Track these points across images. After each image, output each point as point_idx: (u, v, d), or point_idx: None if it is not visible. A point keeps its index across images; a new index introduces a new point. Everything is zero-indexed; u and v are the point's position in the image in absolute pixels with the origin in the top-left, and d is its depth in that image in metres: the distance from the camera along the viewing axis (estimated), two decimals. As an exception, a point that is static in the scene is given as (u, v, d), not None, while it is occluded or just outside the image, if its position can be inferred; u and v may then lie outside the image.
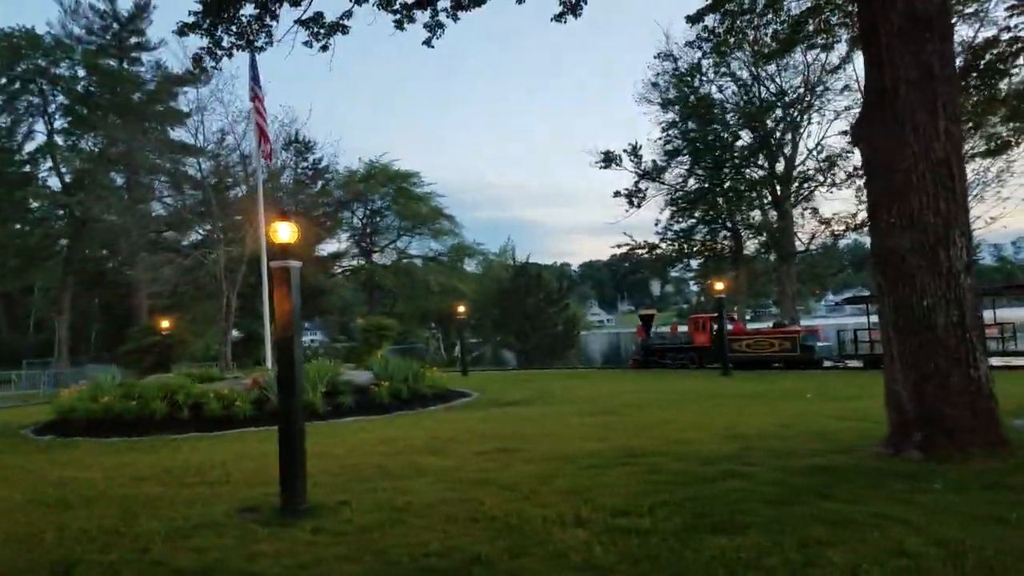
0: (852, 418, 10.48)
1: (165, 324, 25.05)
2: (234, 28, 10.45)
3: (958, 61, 7.42)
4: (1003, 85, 13.17)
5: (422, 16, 11.49)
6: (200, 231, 39.35)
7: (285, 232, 6.31)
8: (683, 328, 31.26)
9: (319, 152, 45.92)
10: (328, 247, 50.71)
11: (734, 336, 26.17)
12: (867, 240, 36.01)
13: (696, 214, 35.69)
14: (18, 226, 44.42)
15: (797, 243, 34.33)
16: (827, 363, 24.90)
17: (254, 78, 18.84)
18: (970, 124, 15.11)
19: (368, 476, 7.66)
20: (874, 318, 25.23)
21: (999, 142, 14.30)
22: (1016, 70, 12.73)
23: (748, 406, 12.90)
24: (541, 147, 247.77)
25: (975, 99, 11.82)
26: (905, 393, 6.74)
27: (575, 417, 12.02)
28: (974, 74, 11.72)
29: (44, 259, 44.94)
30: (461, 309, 32.00)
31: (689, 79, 34.78)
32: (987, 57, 12.25)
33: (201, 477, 8.12)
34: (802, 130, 34.00)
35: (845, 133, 31.42)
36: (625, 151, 35.48)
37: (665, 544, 4.75)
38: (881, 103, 7.06)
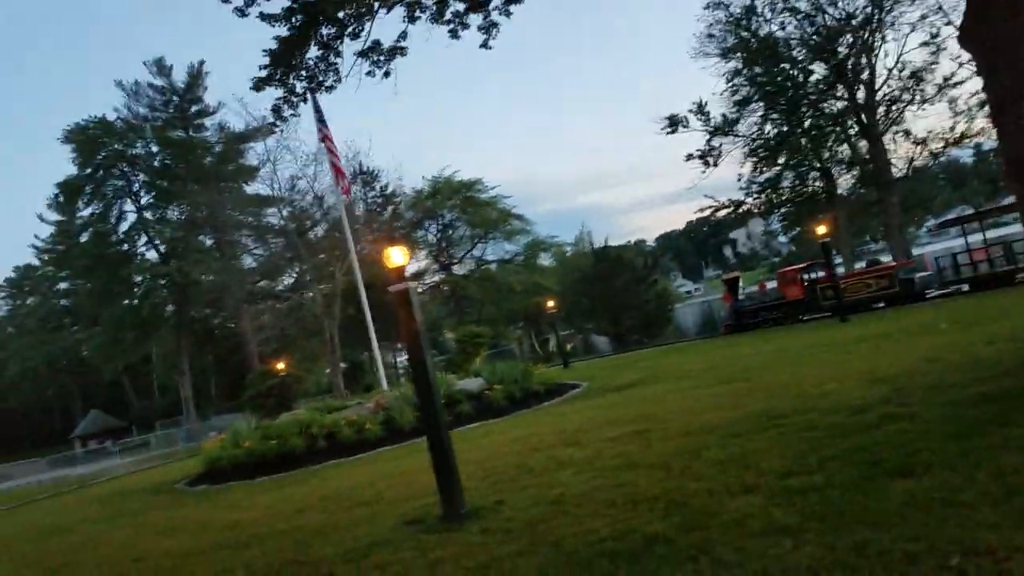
0: (1001, 340, 9.82)
1: (280, 366, 26.20)
2: (304, 73, 10.79)
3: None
4: None
5: (475, 19, 11.55)
6: (292, 274, 41.11)
7: (398, 256, 6.47)
8: (771, 284, 30.28)
9: (384, 178, 47.08)
10: (409, 268, 51.89)
11: (824, 283, 25.09)
12: (963, 154, 33.70)
13: (780, 160, 34.29)
14: (126, 301, 47.60)
15: (894, 171, 32.49)
16: (931, 293, 23.70)
17: (320, 119, 19.42)
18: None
19: (512, 476, 7.74)
20: (972, 237, 25.12)
21: None
22: None
23: (879, 348, 12.31)
24: (590, 132, 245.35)
25: None
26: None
27: (699, 389, 11.78)
28: None
29: (156, 327, 48.06)
30: (551, 304, 32.01)
31: (745, 22, 33.47)
32: None
33: (355, 500, 8.43)
34: (877, 51, 32.13)
35: (925, 44, 29.56)
36: (691, 111, 34.55)
37: (846, 497, 4.57)
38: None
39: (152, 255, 48.25)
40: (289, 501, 9.59)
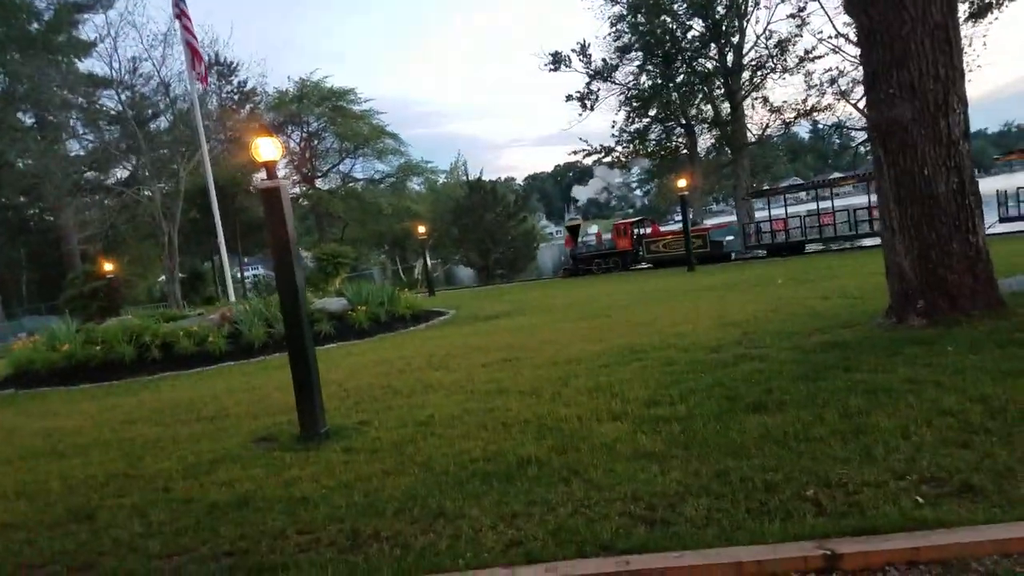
0: (834, 296, 10.75)
1: (108, 267, 23.77)
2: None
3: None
4: None
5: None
6: (127, 167, 37.16)
7: (269, 149, 5.83)
8: (607, 235, 32.84)
9: (244, 73, 43.34)
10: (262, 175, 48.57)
11: (651, 238, 28.74)
12: (801, 129, 36.22)
13: (651, 113, 35.28)
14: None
15: (749, 135, 34.46)
16: (734, 256, 27.27)
17: (178, -8, 17.27)
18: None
19: (378, 396, 7.51)
20: (777, 211, 28.40)
21: (982, 4, 14.05)
22: None
23: (725, 297, 13.13)
24: (468, 60, 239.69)
25: None
26: (907, 263, 6.84)
27: (564, 323, 12.03)
28: None
29: (-39, 212, 42.04)
30: (422, 229, 31.43)
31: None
32: None
33: (196, 414, 7.84)
34: (749, 16, 33.49)
35: (793, 16, 31.14)
36: (574, 51, 34.50)
37: (708, 427, 4.77)
38: (876, -32, 6.81)
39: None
40: (116, 411, 8.76)
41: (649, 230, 29.81)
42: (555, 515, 3.69)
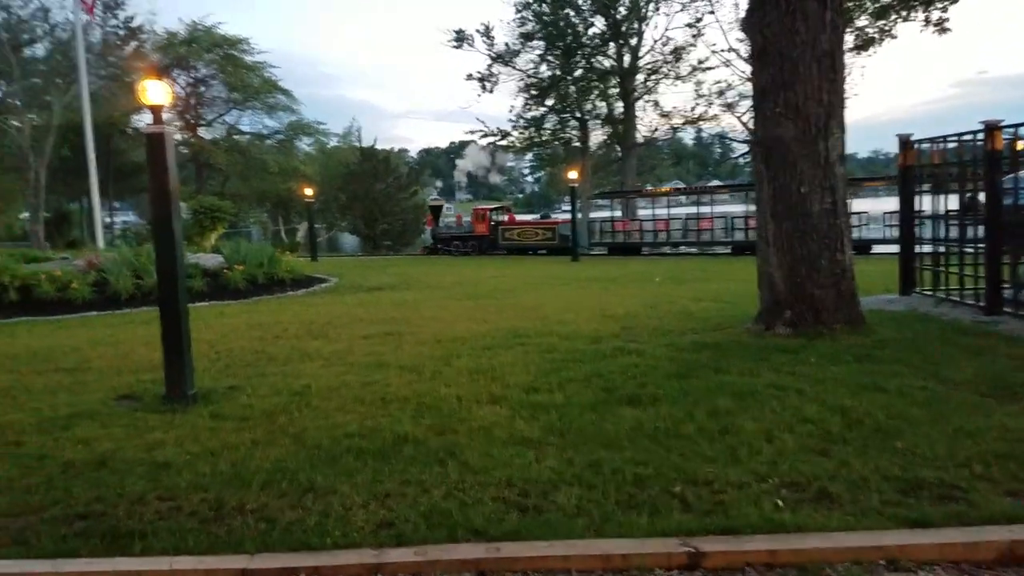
0: (707, 299, 11.34)
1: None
2: None
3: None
4: None
5: None
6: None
7: (157, 93, 5.41)
8: (467, 218, 34.16)
9: (132, 9, 39.92)
10: (145, 118, 45.22)
11: (506, 225, 30.35)
12: (686, 135, 38.09)
13: (548, 103, 35.71)
14: None
15: (638, 136, 35.63)
16: (584, 250, 28.55)
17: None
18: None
19: (251, 361, 7.23)
20: (617, 212, 30.66)
21: (865, 39, 15.36)
22: None
23: (607, 289, 13.58)
24: (370, 24, 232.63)
25: None
26: (778, 274, 7.32)
27: (450, 301, 12.02)
28: None
29: None
30: (309, 192, 30.34)
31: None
32: None
33: (54, 364, 7.26)
34: (648, 21, 34.53)
35: (690, 26, 32.40)
36: (478, 31, 34.31)
37: (584, 417, 4.91)
38: (776, -8, 7.19)
39: None
40: (-40, 356, 7.94)
41: (506, 218, 31.32)
42: (429, 497, 3.68)
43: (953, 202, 8.98)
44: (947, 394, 5.12)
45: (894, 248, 22.49)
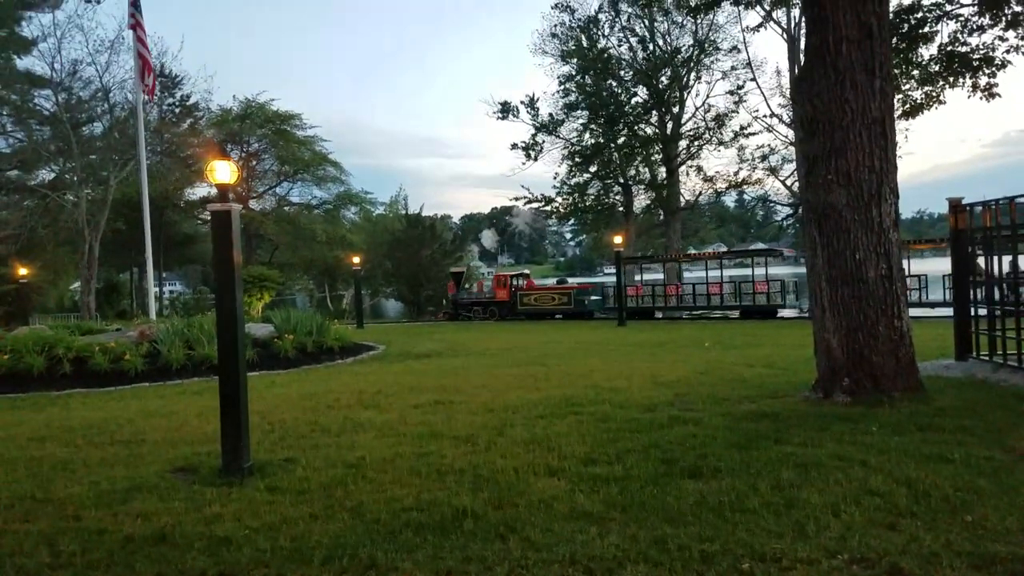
0: (759, 365, 11.12)
1: (22, 272, 22.41)
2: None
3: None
4: (922, 51, 14.20)
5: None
6: (52, 169, 35.42)
7: (224, 172, 5.67)
8: (488, 284, 35.37)
9: (189, 87, 42.15)
10: (197, 191, 47.25)
11: (525, 291, 31.25)
12: (729, 199, 38.26)
13: (591, 169, 36.38)
14: None
15: (682, 200, 35.87)
16: (598, 314, 29.87)
17: (134, 2, 16.82)
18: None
19: (304, 432, 7.26)
20: (629, 277, 30.56)
21: (913, 104, 15.50)
22: (936, 36, 13.74)
23: (656, 355, 13.40)
24: (418, 95, 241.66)
25: (895, 61, 12.60)
26: (835, 341, 7.16)
27: (498, 368, 11.99)
28: (894, 38, 12.47)
29: None
30: (356, 260, 31.05)
31: (587, 31, 35.03)
32: (911, 21, 13.08)
33: (109, 437, 7.38)
34: (690, 89, 35.24)
35: (731, 93, 32.91)
36: (523, 103, 35.44)
37: (645, 491, 4.79)
38: (823, 61, 7.28)
39: None
40: (24, 426, 8.17)
41: (524, 283, 32.38)
42: (492, 574, 3.60)
43: (1007, 264, 8.76)
44: (1013, 464, 4.94)
45: (930, 311, 22.63)
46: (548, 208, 37.97)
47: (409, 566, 3.74)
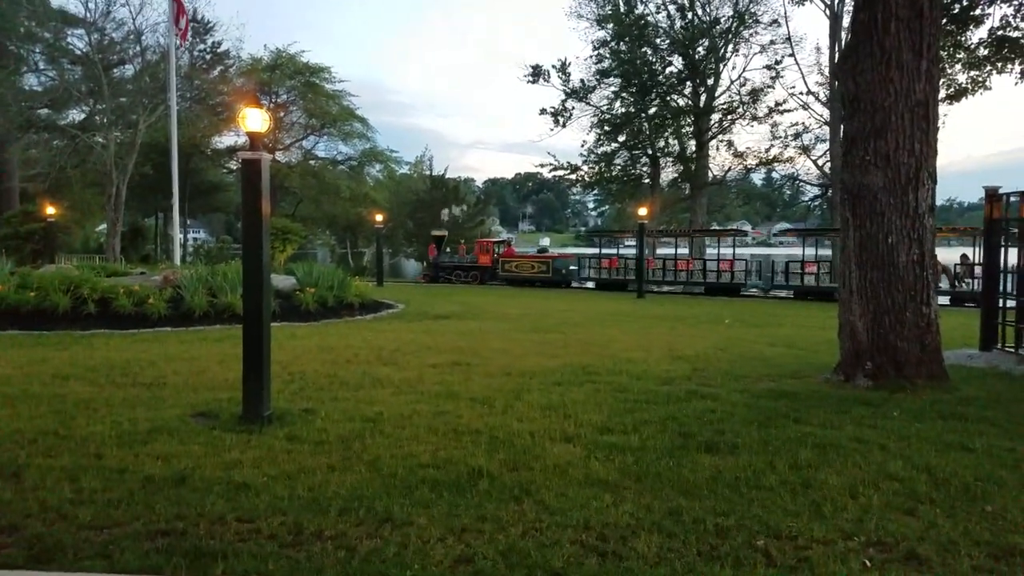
0: (780, 344, 11.03)
1: (50, 211, 22.68)
2: None
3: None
4: (971, 34, 13.77)
5: None
6: (83, 110, 35.56)
7: (256, 120, 5.64)
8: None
9: (220, 34, 41.90)
10: (225, 140, 47.32)
11: (505, 258, 31.78)
12: (756, 176, 37.59)
13: (620, 139, 35.85)
14: None
15: (709, 175, 35.33)
16: (574, 284, 30.68)
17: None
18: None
19: (323, 385, 7.33)
20: (607, 250, 31.83)
21: (957, 89, 15.07)
22: (987, 19, 13.29)
23: (676, 329, 13.33)
24: (446, 55, 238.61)
25: (942, 44, 12.24)
26: (861, 324, 7.06)
27: (516, 333, 12.00)
28: (943, 19, 12.09)
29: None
30: (379, 218, 31.08)
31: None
32: (963, 2, 12.63)
33: (132, 378, 7.51)
34: (726, 62, 34.42)
35: (769, 68, 32.15)
36: (554, 67, 34.85)
37: (661, 462, 4.79)
38: (870, 39, 7.05)
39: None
40: (48, 364, 8.33)
41: (505, 250, 33.02)
42: (506, 535, 3.63)
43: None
44: (1036, 457, 4.86)
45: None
46: (573, 176, 37.59)
47: (424, 521, 3.78)
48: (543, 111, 35.59)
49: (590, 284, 30.87)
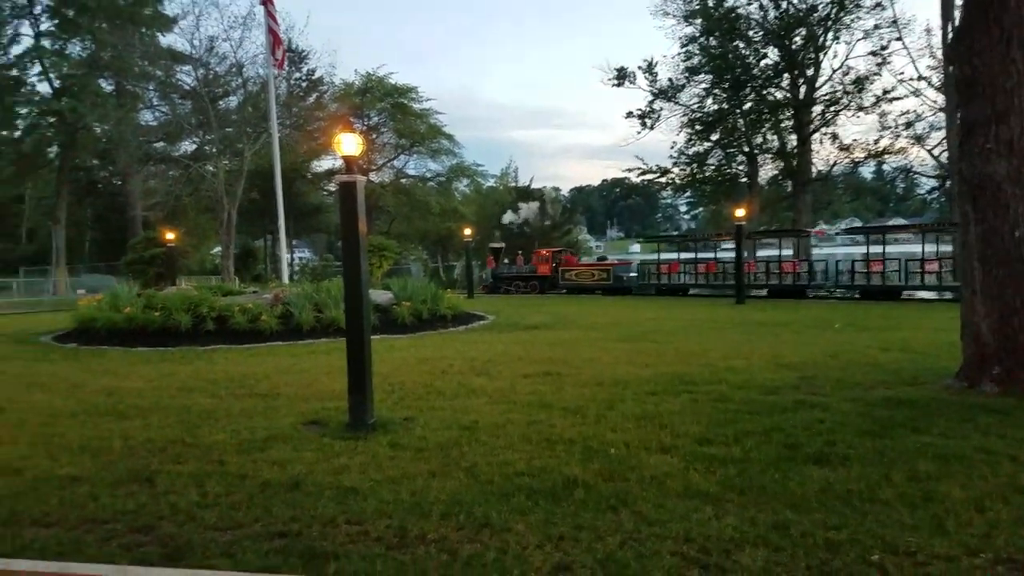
0: (895, 349, 10.40)
1: (169, 236, 24.45)
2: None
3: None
4: None
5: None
6: (194, 142, 38.21)
7: (350, 144, 5.90)
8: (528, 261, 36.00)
9: (314, 62, 43.98)
10: (323, 163, 49.50)
11: (566, 267, 32.09)
12: (866, 170, 35.36)
13: (713, 137, 34.85)
14: (5, 132, 42.82)
15: (813, 170, 33.77)
16: (634, 291, 30.48)
17: (266, -23, 17.71)
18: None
19: (421, 395, 7.53)
20: (666, 255, 31.20)
21: None
22: None
23: (779, 335, 12.81)
24: (529, 65, 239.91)
25: None
26: (985, 326, 6.57)
27: (607, 343, 11.89)
28: None
29: (36, 167, 43.85)
30: (468, 232, 31.66)
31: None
32: None
33: (249, 390, 7.98)
34: (827, 50, 32.73)
35: (874, 54, 30.45)
36: (640, 68, 34.34)
37: (766, 475, 4.62)
38: (985, 16, 6.58)
39: (44, 88, 43.37)
40: (174, 377, 8.98)
41: (565, 259, 33.34)
42: (604, 544, 3.60)
43: None
44: None
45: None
46: (663, 179, 36.85)
47: (522, 528, 3.82)
48: (629, 114, 35.17)
49: (648, 291, 30.64)
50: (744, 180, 35.72)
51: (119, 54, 35.77)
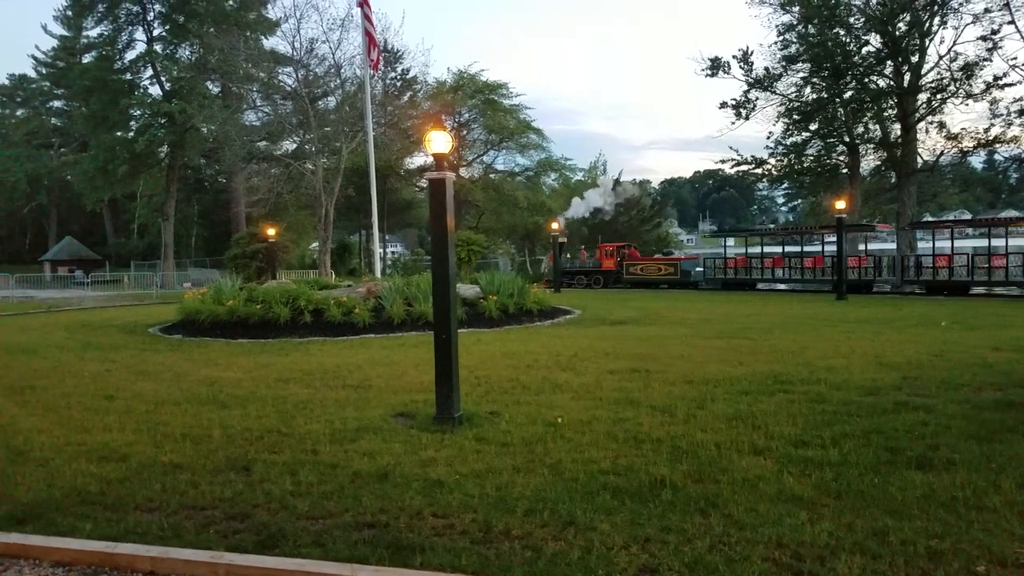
0: (1007, 348, 9.73)
1: (271, 232, 25.67)
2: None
3: None
4: None
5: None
6: (294, 141, 39.88)
7: (441, 142, 6.02)
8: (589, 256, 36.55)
9: (408, 61, 45.09)
10: (415, 160, 50.64)
11: (630, 261, 32.16)
12: (975, 159, 32.86)
13: (811, 127, 33.38)
14: (120, 133, 46.02)
15: (919, 160, 31.84)
16: (702, 285, 30.36)
17: (362, -19, 18.23)
18: None
19: (506, 389, 7.61)
20: (737, 250, 31.62)
21: None
22: None
23: (881, 333, 12.17)
24: (611, 55, 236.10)
25: None
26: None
27: (697, 339, 11.63)
28: None
29: (148, 166, 46.91)
30: (555, 226, 31.66)
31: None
32: None
33: (342, 381, 8.29)
34: (933, 36, 30.74)
35: (983, 39, 28.42)
36: (735, 57, 33.24)
37: (865, 479, 4.43)
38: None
39: (155, 91, 46.39)
40: (270, 369, 9.44)
41: (628, 253, 33.33)
42: (692, 547, 3.55)
43: None
44: None
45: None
46: (759, 171, 35.53)
47: (607, 527, 3.80)
48: (723, 104, 34.02)
49: (713, 285, 30.44)
50: (845, 171, 34.01)
51: (225, 57, 37.73)
